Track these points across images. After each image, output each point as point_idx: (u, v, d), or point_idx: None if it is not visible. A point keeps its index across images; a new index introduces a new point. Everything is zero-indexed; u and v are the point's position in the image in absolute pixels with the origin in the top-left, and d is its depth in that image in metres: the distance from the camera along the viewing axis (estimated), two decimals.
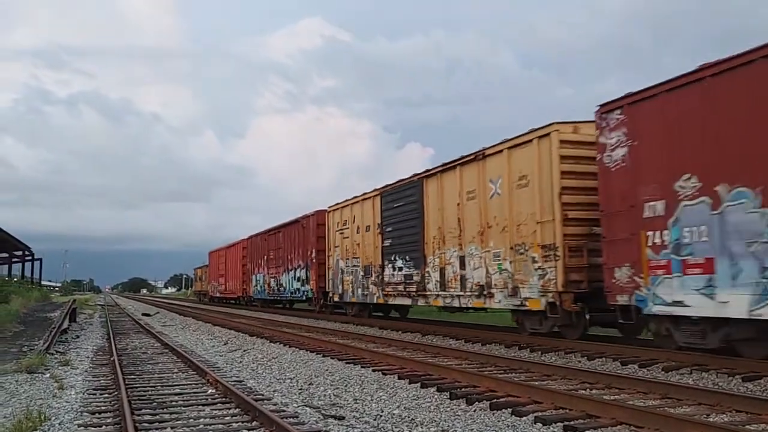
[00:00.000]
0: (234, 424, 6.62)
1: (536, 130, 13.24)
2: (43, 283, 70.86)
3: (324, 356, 12.38)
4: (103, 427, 6.77)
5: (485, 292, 14.75)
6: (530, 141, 13.35)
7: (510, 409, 7.10)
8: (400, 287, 19.05)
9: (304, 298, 28.99)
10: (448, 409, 7.41)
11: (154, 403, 7.75)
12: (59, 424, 6.83)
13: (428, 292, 17.37)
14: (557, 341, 12.74)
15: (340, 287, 24.08)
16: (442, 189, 16.79)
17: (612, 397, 7.50)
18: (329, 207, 25.43)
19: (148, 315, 31.23)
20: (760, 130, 8.87)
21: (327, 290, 25.78)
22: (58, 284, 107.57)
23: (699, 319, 9.90)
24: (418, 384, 8.93)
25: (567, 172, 12.62)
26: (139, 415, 7.03)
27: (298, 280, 29.32)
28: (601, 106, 11.68)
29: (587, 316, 12.64)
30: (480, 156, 15.01)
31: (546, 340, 13.01)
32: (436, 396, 8.18)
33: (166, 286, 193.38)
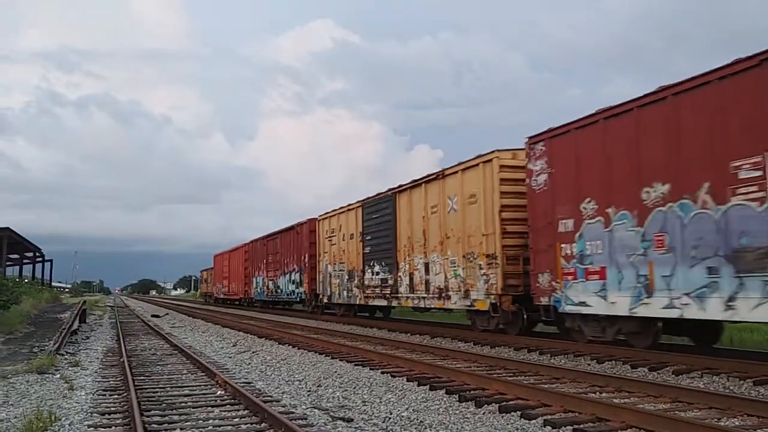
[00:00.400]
0: (243, 426, 6.63)
1: (482, 155, 15.35)
2: (53, 284, 71.27)
3: (332, 358, 12.37)
4: (113, 427, 6.79)
5: (444, 295, 16.86)
6: (477, 165, 15.48)
7: (519, 412, 7.08)
8: (378, 290, 21.17)
9: (298, 299, 30.89)
10: (457, 411, 7.38)
11: (164, 405, 7.77)
12: (69, 424, 6.85)
13: (400, 295, 19.53)
14: (567, 344, 12.73)
15: (329, 290, 26.25)
16: (411, 203, 18.89)
17: (622, 401, 7.47)
18: (319, 216, 27.61)
19: (157, 316, 31.36)
20: (633, 166, 11.05)
21: (318, 292, 27.80)
22: (68, 285, 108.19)
23: (598, 316, 12.01)
24: (427, 386, 8.90)
25: (505, 192, 14.69)
26: (148, 416, 7.05)
27: (293, 282, 31.28)
28: (529, 138, 13.72)
29: (525, 315, 14.52)
30: (441, 176, 17.16)
31: (555, 343, 13.03)
32: (444, 398, 8.14)
33: (175, 288, 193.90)
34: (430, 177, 17.71)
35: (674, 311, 10.18)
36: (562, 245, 12.63)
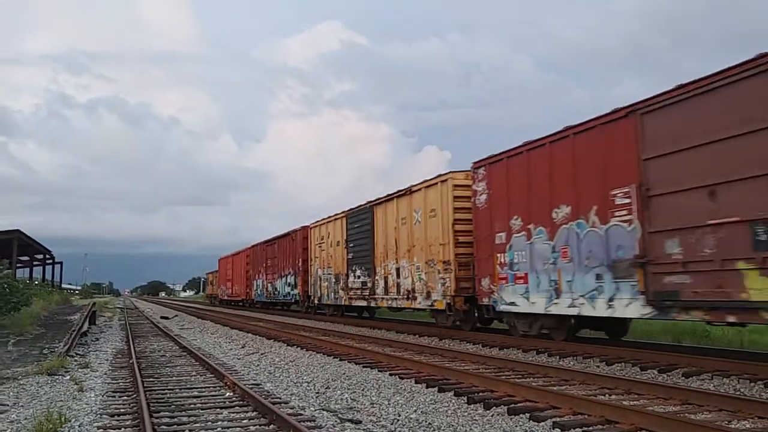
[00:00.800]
0: (252, 428, 6.65)
1: (441, 175, 17.85)
2: (63, 286, 71.56)
3: (341, 360, 12.39)
4: (122, 429, 6.83)
5: (411, 296, 19.40)
6: (437, 183, 17.98)
7: (528, 414, 7.07)
8: (359, 292, 23.70)
9: (293, 300, 33.20)
10: (466, 413, 7.37)
11: (173, 406, 7.80)
12: (79, 426, 6.89)
13: (377, 296, 22.07)
14: (575, 346, 12.74)
15: (319, 291, 28.78)
16: (386, 215, 21.35)
17: (631, 403, 7.44)
18: (311, 224, 30.24)
19: (166, 318, 31.50)
20: (547, 190, 13.28)
21: (310, 294, 30.20)
22: (78, 287, 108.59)
23: (525, 314, 14.39)
24: (436, 388, 8.90)
25: (458, 207, 17.02)
26: (157, 418, 7.08)
27: (289, 285, 33.61)
28: (474, 163, 16.08)
29: (476, 314, 17.00)
30: (408, 191, 19.72)
31: (563, 345, 13.08)
32: (453, 400, 8.14)
33: (184, 290, 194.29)
34: (401, 192, 20.27)
35: (574, 309, 12.63)
36: (498, 254, 15.05)
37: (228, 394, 8.65)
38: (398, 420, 7.05)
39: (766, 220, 8.97)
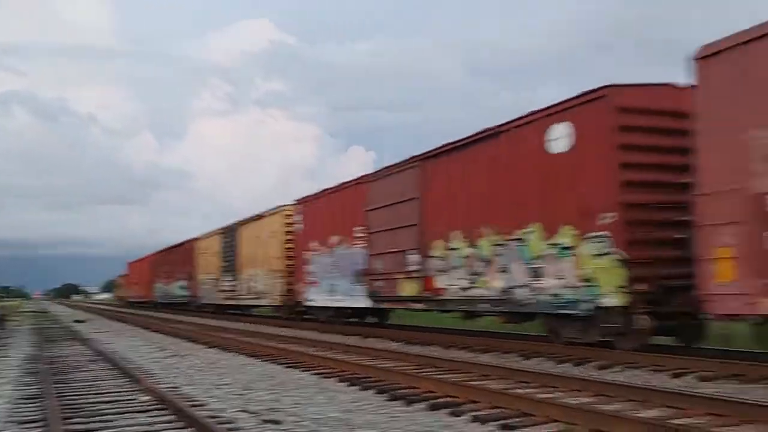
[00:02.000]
0: None
1: (279, 207, 24.55)
2: None
3: (263, 361, 12.32)
4: None
5: (261, 296, 26.13)
6: (276, 213, 24.91)
7: (448, 410, 7.18)
8: (229, 293, 30.37)
9: (186, 300, 39.31)
10: (387, 411, 7.43)
11: (86, 412, 7.58)
12: None
13: (240, 297, 28.91)
14: (494, 342, 13.07)
15: (203, 293, 35.35)
16: (247, 233, 27.91)
17: (547, 396, 7.65)
18: (198, 237, 37.01)
19: (80, 321, 30.52)
20: (328, 223, 19.98)
21: (197, 295, 36.38)
22: None
23: (320, 307, 20.93)
24: (358, 386, 8.96)
25: (288, 231, 23.67)
26: (69, 425, 6.87)
27: (182, 288, 40.21)
28: (296, 200, 22.58)
29: (303, 309, 22.64)
30: (260, 217, 26.58)
31: (484, 340, 13.42)
32: (375, 398, 8.20)
33: (100, 292, 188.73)
34: (256, 217, 27.07)
35: (342, 303, 19.27)
36: (305, 266, 21.45)
37: (145, 398, 8.44)
38: (320, 419, 7.06)
39: (411, 250, 15.35)
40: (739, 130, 8.47)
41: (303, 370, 10.77)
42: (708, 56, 8.96)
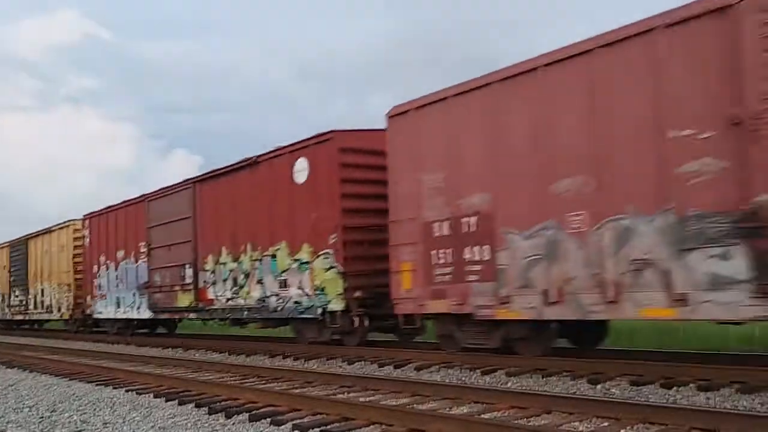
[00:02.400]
0: None
1: (68, 221, 23.82)
2: None
3: (70, 380, 10.96)
4: None
5: (50, 310, 24.42)
6: (64, 228, 23.84)
7: (269, 419, 6.74)
8: (18, 308, 28.30)
9: None
10: (206, 424, 6.83)
11: None
12: None
13: (30, 311, 26.84)
14: (320, 349, 12.90)
15: None
16: (37, 247, 26.55)
17: (367, 399, 7.47)
18: None
19: None
20: (112, 241, 21.22)
21: None
22: None
23: (110, 319, 21.44)
24: (176, 401, 8.18)
25: (77, 246, 23.34)
26: None
27: None
28: (84, 215, 22.31)
29: (93, 320, 22.86)
30: (48, 231, 25.00)
31: (309, 348, 13.30)
32: (194, 412, 7.54)
33: None
34: (45, 230, 25.56)
35: (127, 315, 19.90)
36: (94, 280, 20.67)
37: None
38: None
39: (187, 264, 16.29)
40: (415, 172, 10.20)
41: (116, 387, 9.79)
42: (396, 115, 10.51)
